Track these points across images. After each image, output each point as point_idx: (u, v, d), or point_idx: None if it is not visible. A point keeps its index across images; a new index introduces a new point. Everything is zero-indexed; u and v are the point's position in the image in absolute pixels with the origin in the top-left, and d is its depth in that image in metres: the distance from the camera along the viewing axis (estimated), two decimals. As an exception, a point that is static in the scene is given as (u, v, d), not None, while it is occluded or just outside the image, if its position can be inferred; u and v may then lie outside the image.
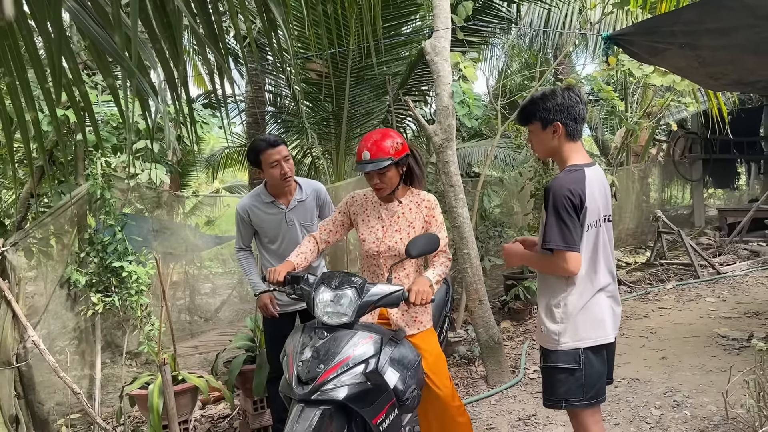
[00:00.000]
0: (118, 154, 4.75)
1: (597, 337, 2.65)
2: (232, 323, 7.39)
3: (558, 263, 2.59)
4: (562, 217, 2.54)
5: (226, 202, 10.57)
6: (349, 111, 7.66)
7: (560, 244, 2.54)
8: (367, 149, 2.99)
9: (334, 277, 2.86)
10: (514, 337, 6.36)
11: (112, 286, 4.56)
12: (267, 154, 3.54)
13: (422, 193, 3.23)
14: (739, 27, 3.68)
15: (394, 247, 3.10)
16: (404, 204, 3.17)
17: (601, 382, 2.69)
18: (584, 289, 2.65)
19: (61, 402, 4.63)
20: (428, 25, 7.54)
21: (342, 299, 2.75)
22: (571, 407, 2.70)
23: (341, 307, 2.74)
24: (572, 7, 9.06)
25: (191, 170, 12.66)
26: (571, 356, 2.65)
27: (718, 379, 4.67)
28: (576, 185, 2.57)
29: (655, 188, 13.72)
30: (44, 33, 1.26)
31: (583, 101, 2.72)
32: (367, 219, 3.21)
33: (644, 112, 10.23)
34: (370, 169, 2.97)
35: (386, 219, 3.16)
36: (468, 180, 7.42)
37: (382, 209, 3.19)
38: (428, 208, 3.15)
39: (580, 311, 2.64)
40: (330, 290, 2.79)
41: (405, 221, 3.14)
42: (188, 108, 2.06)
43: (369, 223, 3.19)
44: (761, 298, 7.26)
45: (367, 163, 2.98)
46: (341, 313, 2.74)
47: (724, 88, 6.15)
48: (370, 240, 3.15)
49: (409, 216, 3.15)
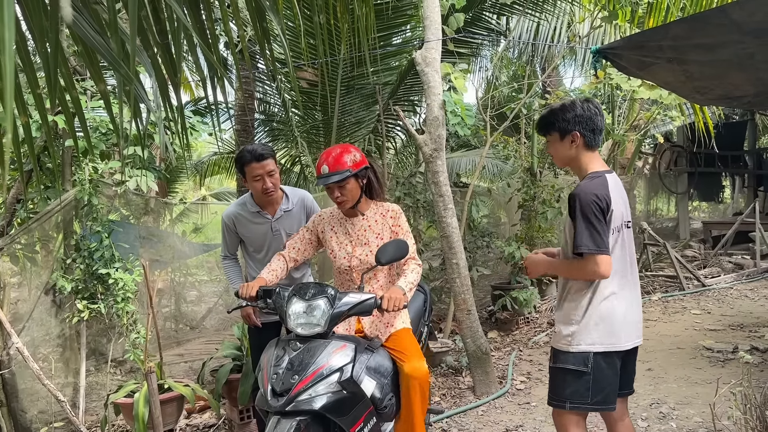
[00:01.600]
0: (105, 161, 4.72)
1: (610, 344, 2.67)
2: (218, 331, 7.35)
3: (590, 267, 2.61)
4: (592, 221, 2.58)
5: (213, 210, 10.53)
6: (339, 119, 7.67)
7: (592, 248, 2.57)
8: (326, 163, 3.06)
9: (307, 289, 2.87)
10: (501, 348, 6.37)
11: (98, 293, 4.52)
12: (251, 167, 3.50)
13: (386, 203, 3.30)
14: (726, 43, 3.73)
15: (365, 260, 3.15)
16: (369, 216, 3.23)
17: (610, 389, 2.71)
18: (604, 294, 2.68)
19: (44, 410, 4.57)
20: (418, 36, 7.59)
21: (315, 310, 2.77)
22: (575, 409, 2.72)
23: (314, 317, 2.76)
24: (561, 21, 9.14)
25: (179, 177, 12.59)
26: (580, 359, 2.68)
27: (703, 391, 4.70)
28: (601, 190, 2.63)
29: (640, 200, 13.84)
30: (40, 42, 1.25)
31: (602, 113, 2.77)
32: (334, 235, 3.26)
33: (631, 125, 10.33)
34: (330, 182, 3.03)
35: (353, 233, 3.22)
36: (456, 190, 7.45)
37: (348, 224, 3.24)
38: (393, 218, 3.22)
39: (596, 316, 2.67)
40: (302, 301, 2.80)
41: (372, 233, 3.20)
42: (180, 115, 2.05)
43: (337, 239, 3.25)
44: (745, 311, 7.32)
45: (326, 176, 3.05)
46: (314, 324, 2.75)
47: (711, 102, 6.22)
48: (341, 255, 3.21)
49: (376, 228, 3.21)
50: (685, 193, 13.44)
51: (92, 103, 4.58)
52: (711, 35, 3.71)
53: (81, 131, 3.52)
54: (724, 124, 12.11)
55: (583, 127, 2.73)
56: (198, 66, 2.03)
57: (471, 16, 7.46)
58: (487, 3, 7.59)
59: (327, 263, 6.68)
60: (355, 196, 3.13)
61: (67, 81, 1.84)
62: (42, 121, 2.19)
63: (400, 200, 6.47)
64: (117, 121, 2.66)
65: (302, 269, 3.91)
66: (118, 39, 1.32)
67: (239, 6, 2.94)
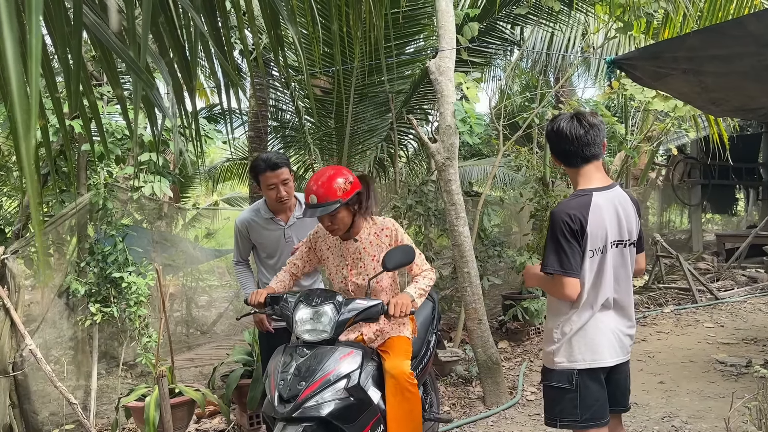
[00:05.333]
0: (120, 165, 4.76)
1: (592, 360, 2.63)
2: (228, 337, 7.37)
3: (556, 287, 2.60)
4: (560, 242, 2.54)
5: (225, 215, 10.58)
6: (351, 127, 7.69)
7: (557, 269, 2.55)
8: (314, 193, 2.87)
9: (314, 295, 2.85)
10: (512, 358, 6.34)
11: (111, 296, 4.55)
12: (265, 176, 3.53)
13: (378, 220, 3.14)
14: (742, 54, 3.72)
15: (362, 284, 3.05)
16: (363, 239, 3.08)
17: (598, 405, 2.66)
18: (583, 312, 2.64)
19: (56, 412, 4.59)
20: (431, 45, 7.61)
21: (322, 316, 2.75)
22: (565, 427, 2.71)
23: (320, 324, 2.74)
24: (575, 31, 9.13)
25: (192, 182, 12.68)
26: (564, 376, 2.66)
27: (716, 405, 4.65)
28: (578, 210, 2.55)
29: (653, 212, 13.75)
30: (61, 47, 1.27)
31: (592, 129, 2.64)
32: (331, 256, 3.16)
33: (644, 136, 10.29)
34: (318, 214, 2.88)
35: (348, 258, 3.10)
36: (468, 199, 7.44)
37: (342, 246, 3.12)
38: (389, 236, 3.08)
39: (576, 334, 2.64)
40: (309, 308, 2.78)
41: (367, 256, 3.07)
42: (195, 121, 2.07)
43: (333, 261, 3.15)
44: (759, 325, 7.25)
45: (314, 207, 2.88)
46: (321, 330, 2.73)
47: (726, 114, 6.19)
48: (338, 279, 3.13)
49: (371, 250, 3.08)
50: (698, 205, 13.34)
51: (108, 107, 4.62)
52: (727, 47, 3.71)
53: (97, 136, 3.56)
54: (738, 136, 12.03)
55: (555, 150, 2.72)
56: (213, 73, 2.05)
57: (485, 25, 7.47)
58: (502, 13, 7.59)
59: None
60: (346, 224, 2.99)
61: (85, 86, 1.86)
62: (60, 125, 2.22)
63: (411, 208, 6.47)
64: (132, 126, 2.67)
65: (313, 276, 3.92)
66: (135, 46, 1.34)
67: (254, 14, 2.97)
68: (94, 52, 2.30)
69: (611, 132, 7.36)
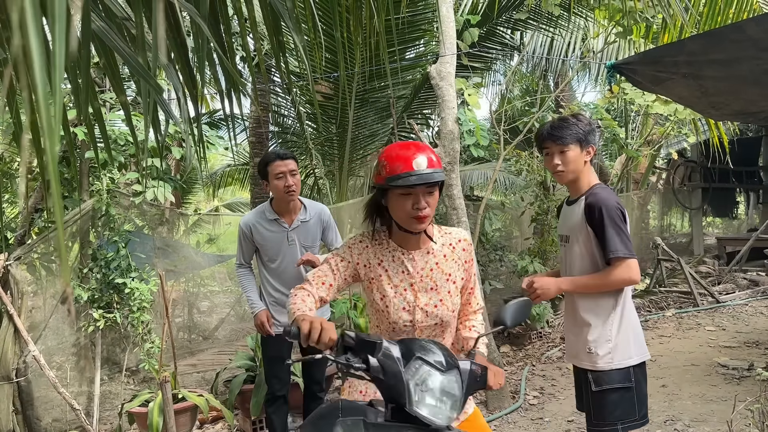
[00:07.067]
0: (123, 171, 4.78)
1: (643, 353, 2.67)
2: (230, 342, 7.38)
3: (624, 273, 2.58)
4: (621, 227, 2.58)
5: (227, 221, 10.59)
6: (353, 132, 7.72)
7: (626, 253, 2.56)
8: (422, 153, 2.02)
9: (432, 351, 1.84)
10: (514, 362, 6.34)
11: (113, 302, 4.56)
12: (274, 165, 3.59)
13: (452, 229, 2.32)
14: (742, 58, 3.74)
15: (433, 313, 2.16)
16: (435, 251, 2.21)
17: (646, 400, 2.69)
18: (627, 304, 2.68)
19: (59, 418, 4.60)
20: (432, 51, 7.64)
21: (450, 389, 1.83)
22: (628, 428, 2.65)
23: (447, 402, 1.81)
24: (575, 36, 9.17)
25: (193, 188, 12.71)
26: (623, 375, 2.63)
27: (718, 408, 4.66)
28: (617, 199, 2.66)
29: (654, 216, 13.76)
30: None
31: None
32: (385, 273, 2.18)
33: (645, 139, 10.31)
34: (431, 181, 2.01)
35: (416, 272, 2.17)
36: (469, 203, 7.46)
37: (407, 258, 2.18)
38: (466, 250, 2.26)
39: (629, 328, 2.66)
40: (439, 374, 1.81)
41: (441, 274, 2.19)
42: (198, 127, 2.09)
43: (390, 280, 2.18)
44: (761, 328, 7.25)
45: (425, 174, 1.99)
46: (445, 412, 1.79)
47: (726, 117, 6.21)
48: (398, 305, 2.15)
49: (446, 266, 2.21)
50: (699, 208, 13.35)
51: (111, 114, 4.65)
52: (727, 51, 3.73)
53: (101, 142, 3.58)
54: (738, 140, 12.04)
55: (595, 141, 2.76)
56: (216, 79, 2.07)
57: (485, 31, 7.51)
58: (502, 18, 7.63)
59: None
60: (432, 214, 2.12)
61: (90, 93, 1.88)
62: (64, 132, 2.23)
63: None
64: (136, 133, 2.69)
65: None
66: (145, 54, 1.35)
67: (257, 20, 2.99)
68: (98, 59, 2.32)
69: (612, 135, 7.39)
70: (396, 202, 2.06)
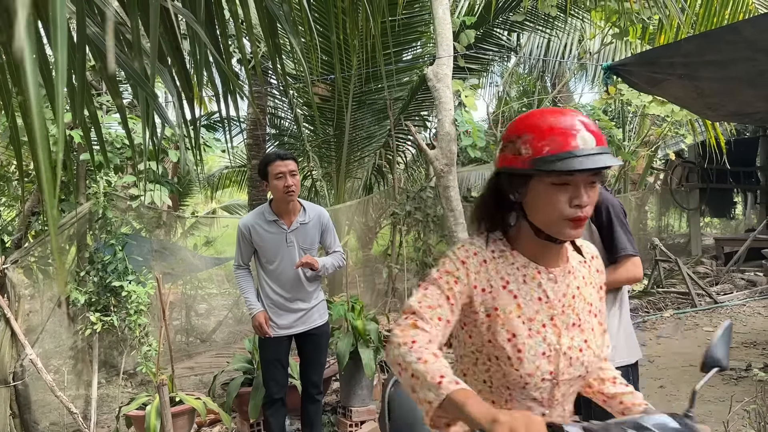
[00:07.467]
0: (119, 174, 4.78)
1: (636, 353, 2.69)
2: (228, 345, 7.36)
3: (631, 270, 2.60)
4: (626, 225, 2.62)
5: (224, 223, 10.58)
6: (350, 134, 7.73)
7: (633, 251, 2.59)
8: (588, 130, 1.44)
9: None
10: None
11: (111, 305, 4.55)
12: (274, 165, 3.59)
13: (579, 240, 1.65)
14: (737, 60, 3.75)
15: (578, 361, 1.56)
16: (575, 271, 1.61)
17: None
18: (626, 305, 2.71)
19: (56, 422, 4.59)
20: (429, 52, 7.65)
21: None
22: None
23: None
24: (572, 37, 9.19)
25: (190, 190, 12.69)
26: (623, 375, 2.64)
27: (716, 408, 4.66)
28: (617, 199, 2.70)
29: (652, 216, 13.78)
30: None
31: None
32: (513, 301, 1.52)
33: (642, 140, 10.33)
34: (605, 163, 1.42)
35: (557, 299, 1.55)
36: (467, 205, 7.45)
37: (545, 278, 1.55)
38: (600, 271, 1.70)
39: (628, 328, 2.68)
40: None
41: (584, 303, 1.60)
42: (195, 129, 2.09)
43: (522, 310, 1.52)
44: (758, 328, 7.26)
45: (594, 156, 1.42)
46: None
47: (722, 118, 6.23)
48: (535, 349, 1.50)
49: (588, 293, 1.62)
50: (696, 209, 13.37)
51: (107, 117, 4.64)
52: (723, 52, 3.74)
53: (97, 145, 3.58)
54: (735, 140, 12.06)
55: None
56: (212, 81, 2.07)
57: (482, 32, 7.52)
58: (498, 20, 7.64)
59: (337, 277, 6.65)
60: None
61: (85, 96, 1.88)
62: (60, 135, 2.23)
63: (410, 214, 6.49)
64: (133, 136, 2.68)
65: (315, 283, 3.90)
66: (141, 59, 1.36)
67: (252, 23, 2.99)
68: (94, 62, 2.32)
69: (609, 137, 7.40)
70: (543, 195, 1.46)
